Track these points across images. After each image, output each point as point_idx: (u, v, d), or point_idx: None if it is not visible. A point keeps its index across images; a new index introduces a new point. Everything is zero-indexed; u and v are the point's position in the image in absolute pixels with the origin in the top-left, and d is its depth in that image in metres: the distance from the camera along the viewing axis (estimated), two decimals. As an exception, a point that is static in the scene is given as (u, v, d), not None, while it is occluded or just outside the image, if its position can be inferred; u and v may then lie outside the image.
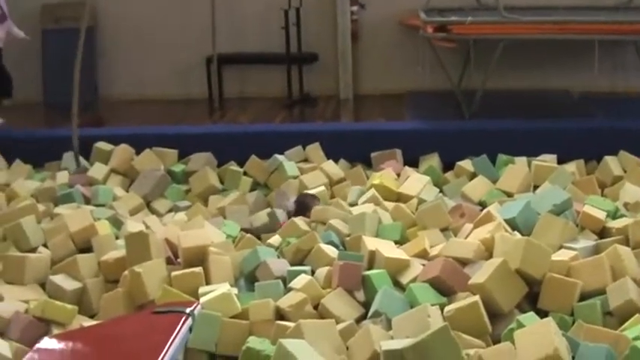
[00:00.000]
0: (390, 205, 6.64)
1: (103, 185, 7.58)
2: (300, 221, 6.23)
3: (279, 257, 5.68)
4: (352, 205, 6.72)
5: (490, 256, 5.33)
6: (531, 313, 4.66)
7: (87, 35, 9.97)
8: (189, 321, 4.34)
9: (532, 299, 4.98)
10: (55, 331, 5.01)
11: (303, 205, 6.70)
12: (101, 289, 5.55)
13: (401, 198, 6.92)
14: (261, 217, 6.92)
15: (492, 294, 4.80)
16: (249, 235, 6.26)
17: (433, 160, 7.84)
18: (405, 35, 10.60)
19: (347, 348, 4.57)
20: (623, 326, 4.60)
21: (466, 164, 7.60)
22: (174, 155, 8.10)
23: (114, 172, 7.91)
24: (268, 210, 7.01)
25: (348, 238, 5.91)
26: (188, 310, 4.41)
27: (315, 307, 5.03)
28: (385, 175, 7.17)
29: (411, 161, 7.83)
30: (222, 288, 5.11)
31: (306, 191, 7.07)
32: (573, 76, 10.35)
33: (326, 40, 10.88)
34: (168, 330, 4.10)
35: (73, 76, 9.35)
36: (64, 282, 5.56)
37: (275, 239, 6.09)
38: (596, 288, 4.96)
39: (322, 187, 7.20)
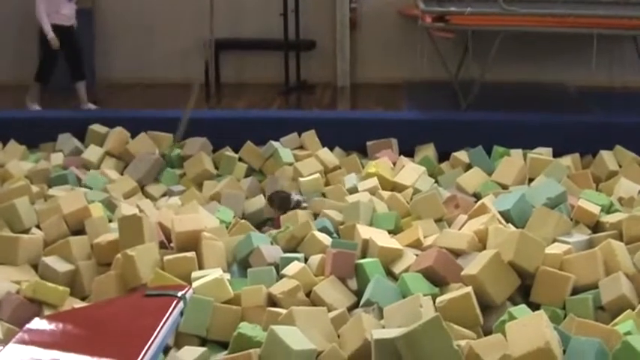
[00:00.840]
0: (385, 194, 6.64)
1: (97, 170, 7.56)
2: (301, 212, 6.24)
3: (272, 244, 5.68)
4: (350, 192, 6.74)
5: (483, 247, 5.33)
6: (523, 306, 4.67)
7: (85, 17, 9.97)
8: (181, 305, 4.33)
9: (524, 292, 4.99)
10: (47, 312, 5.00)
11: (285, 201, 6.71)
12: (93, 272, 5.53)
13: (396, 187, 6.92)
14: (255, 204, 6.92)
15: (485, 286, 4.80)
16: (243, 220, 6.26)
17: (429, 151, 7.84)
18: (404, 25, 10.59)
19: (338, 336, 4.57)
20: (614, 321, 4.61)
21: (462, 155, 7.60)
22: (169, 139, 8.08)
23: (108, 154, 7.90)
24: (263, 200, 7.00)
25: (342, 227, 5.92)
26: (180, 294, 4.40)
27: (308, 295, 5.03)
28: (380, 164, 7.18)
29: (407, 151, 7.83)
30: (214, 273, 5.11)
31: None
32: (571, 69, 10.35)
33: (324, 28, 10.86)
34: (160, 313, 4.09)
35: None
36: (57, 264, 5.55)
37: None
38: (589, 282, 4.96)
39: (317, 175, 7.20)
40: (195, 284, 4.94)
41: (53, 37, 8.85)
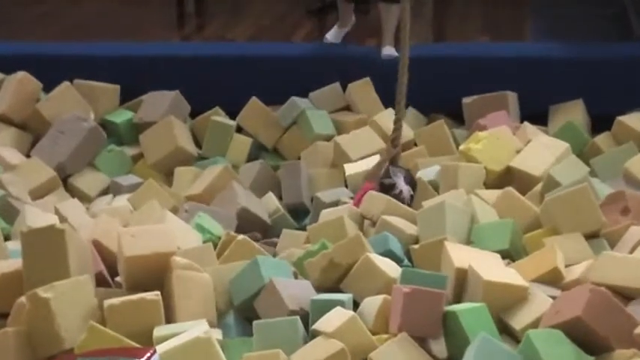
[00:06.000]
0: (493, 191, 6.66)
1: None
2: (347, 220, 6.29)
3: (296, 276, 5.70)
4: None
5: (674, 285, 5.33)
6: None
7: None
8: (139, 383, 4.38)
9: None
10: None
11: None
12: (-23, 328, 5.60)
13: (514, 178, 6.93)
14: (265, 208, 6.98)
15: (677, 352, 4.81)
16: (242, 236, 6.26)
17: (574, 112, 7.85)
18: None
19: None
20: None
21: (634, 120, 7.59)
22: (113, 93, 8.14)
23: (3, 121, 7.97)
24: (276, 201, 7.05)
25: (417, 246, 5.93)
26: (136, 364, 4.45)
27: (360, 366, 5.07)
28: (488, 138, 7.17)
29: (535, 113, 7.85)
30: (195, 329, 5.13)
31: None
32: None
33: None
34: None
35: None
36: None
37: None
38: None
39: (376, 157, 7.23)
40: (161, 348, 4.96)
41: None
